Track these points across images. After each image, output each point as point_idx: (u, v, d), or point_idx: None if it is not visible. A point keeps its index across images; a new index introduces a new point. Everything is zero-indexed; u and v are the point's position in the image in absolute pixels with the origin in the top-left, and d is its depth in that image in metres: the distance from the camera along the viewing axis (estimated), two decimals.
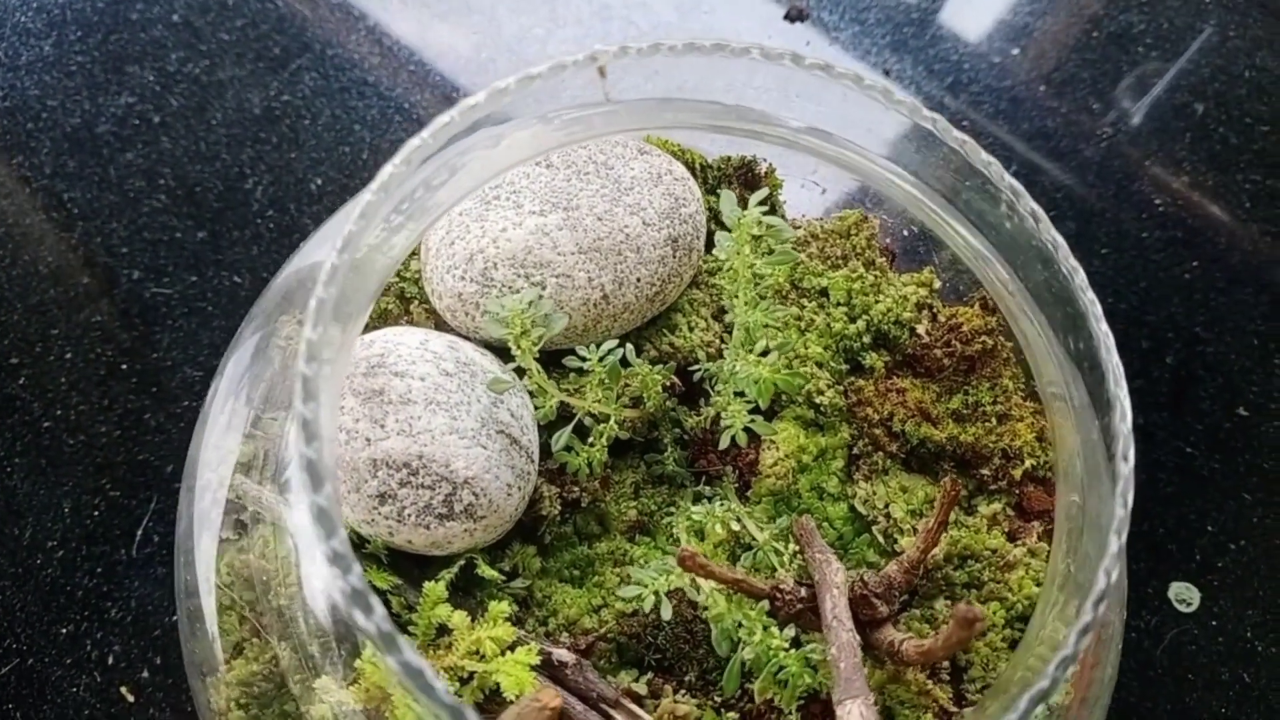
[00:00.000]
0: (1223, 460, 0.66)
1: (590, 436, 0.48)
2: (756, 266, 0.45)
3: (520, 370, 0.46)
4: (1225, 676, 0.59)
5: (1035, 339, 0.42)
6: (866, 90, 0.39)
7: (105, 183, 0.72)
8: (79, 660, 0.57)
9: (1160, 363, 0.69)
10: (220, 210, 0.72)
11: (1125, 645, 0.46)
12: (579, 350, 0.47)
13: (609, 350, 0.47)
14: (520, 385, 0.48)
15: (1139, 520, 0.35)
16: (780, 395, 0.49)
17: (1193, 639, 0.60)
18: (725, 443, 0.48)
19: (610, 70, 0.40)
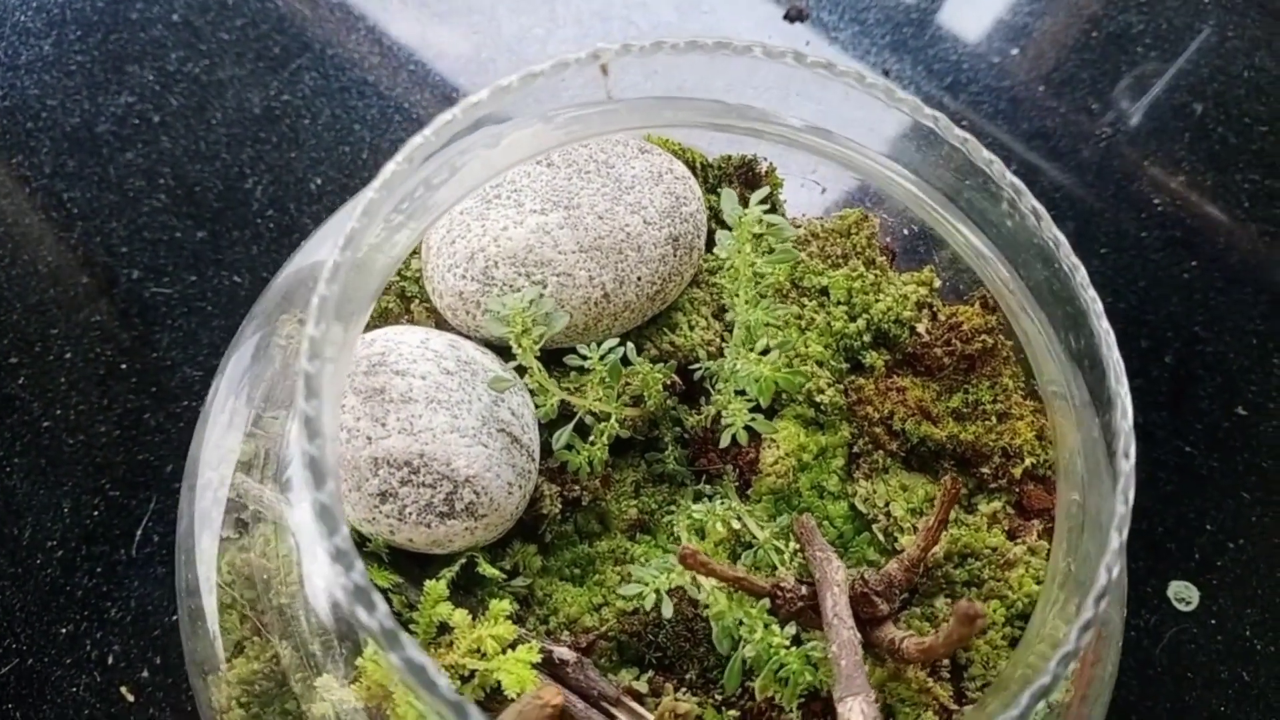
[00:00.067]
0: (1222, 459, 0.66)
1: (591, 435, 0.48)
2: (757, 265, 0.45)
3: (521, 369, 0.46)
4: (1224, 675, 0.59)
5: (1036, 337, 0.42)
6: (868, 88, 0.39)
7: (105, 182, 0.72)
8: (79, 660, 0.57)
9: (1159, 362, 0.69)
10: (220, 210, 0.72)
11: (1125, 644, 0.46)
12: (580, 349, 0.47)
13: (610, 349, 0.47)
14: (521, 384, 0.48)
15: (1138, 519, 0.35)
16: (781, 394, 0.49)
17: (1192, 638, 0.60)
18: (726, 441, 0.48)
19: (612, 69, 0.40)
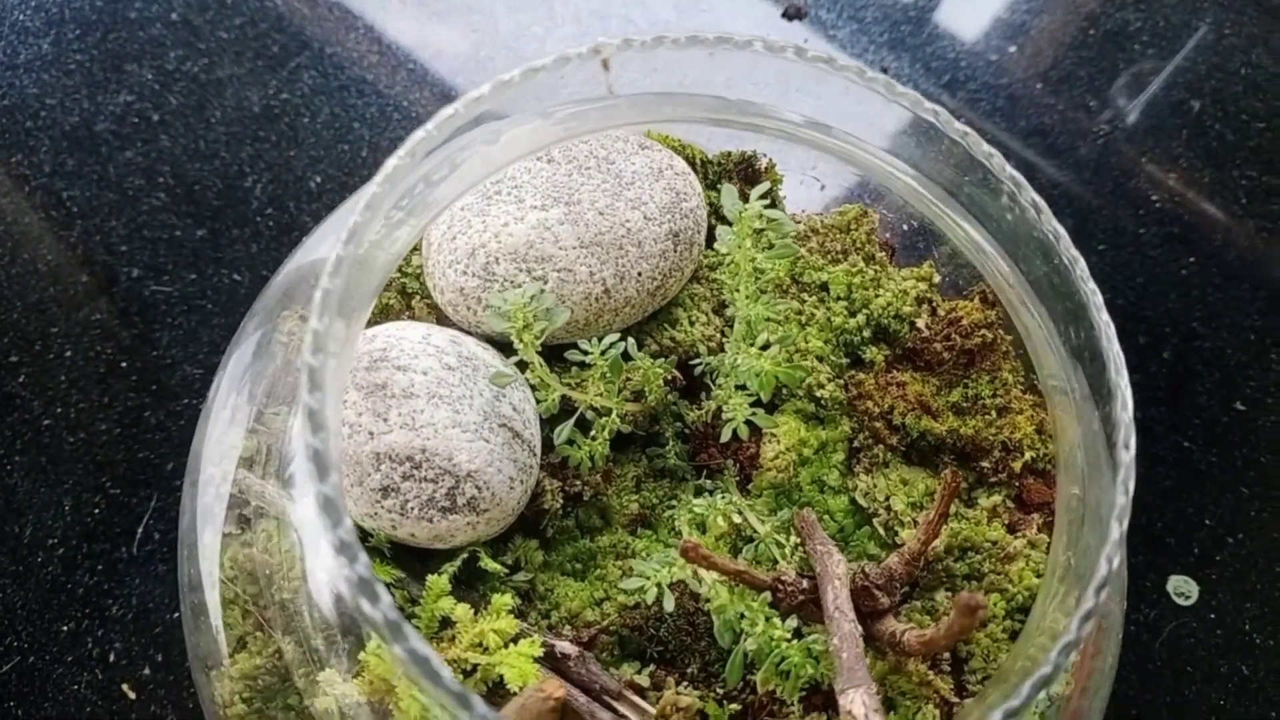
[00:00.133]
0: (1220, 454, 0.66)
1: (592, 430, 0.48)
2: (758, 260, 0.45)
3: (522, 364, 0.46)
4: (1224, 669, 0.60)
5: (1036, 331, 0.42)
6: (869, 83, 0.39)
7: (104, 181, 0.72)
8: (80, 658, 0.57)
9: (1158, 358, 0.70)
10: (220, 208, 0.72)
11: (1124, 638, 0.47)
12: (581, 344, 0.47)
13: (611, 344, 0.47)
14: (522, 379, 0.48)
15: (1137, 514, 0.35)
16: (781, 389, 0.50)
17: (1191, 632, 0.61)
18: (726, 436, 0.48)
19: (613, 64, 0.40)
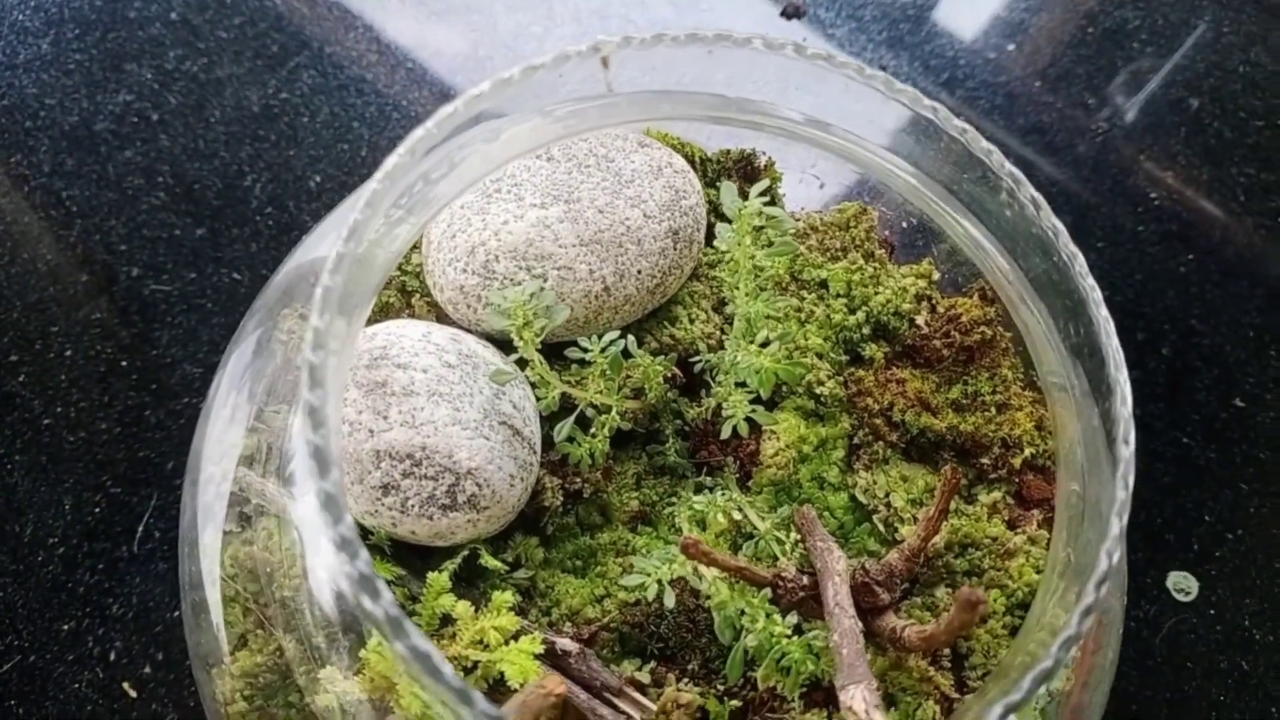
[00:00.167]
0: (1219, 450, 0.66)
1: (592, 427, 0.48)
2: (757, 258, 0.45)
3: (522, 362, 0.46)
4: (1224, 665, 0.60)
5: (1035, 327, 0.42)
6: (868, 80, 0.39)
7: (104, 180, 0.72)
8: (81, 656, 0.57)
9: (1156, 354, 0.70)
10: (219, 208, 0.72)
11: (1124, 635, 0.47)
12: (580, 342, 0.47)
13: (611, 341, 0.47)
14: (522, 377, 0.48)
15: (1137, 510, 0.35)
16: (781, 386, 0.50)
17: (1191, 628, 0.61)
18: (726, 433, 0.48)
19: (612, 61, 0.40)
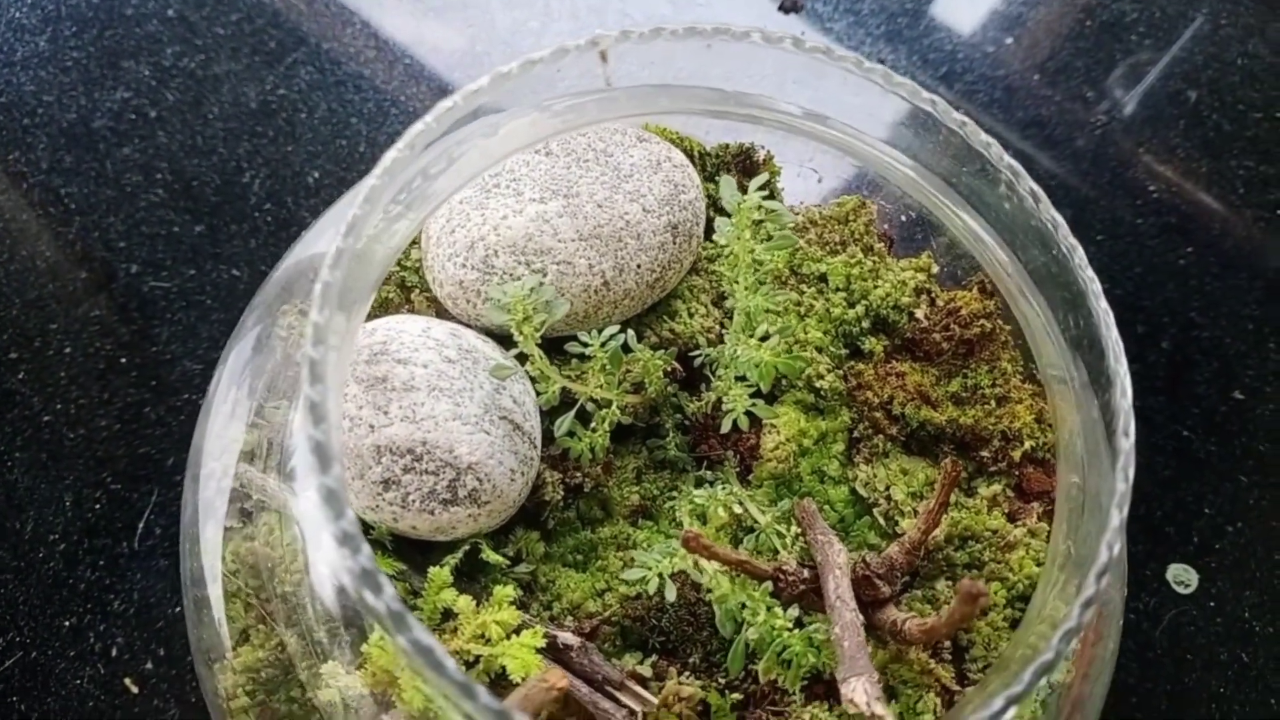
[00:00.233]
0: (1219, 443, 0.66)
1: (592, 422, 0.48)
2: (757, 252, 0.45)
3: (522, 356, 0.46)
4: (1224, 657, 0.60)
5: (1035, 320, 0.42)
6: (867, 73, 0.39)
7: (102, 177, 0.72)
8: (82, 652, 0.57)
9: (1156, 347, 0.70)
10: (218, 204, 0.72)
11: (1124, 627, 0.47)
12: (580, 336, 0.47)
13: (610, 336, 0.47)
14: (522, 371, 0.48)
15: (1137, 503, 0.36)
16: (780, 380, 0.50)
17: (1191, 620, 0.61)
18: (727, 427, 0.48)
19: (610, 56, 0.40)
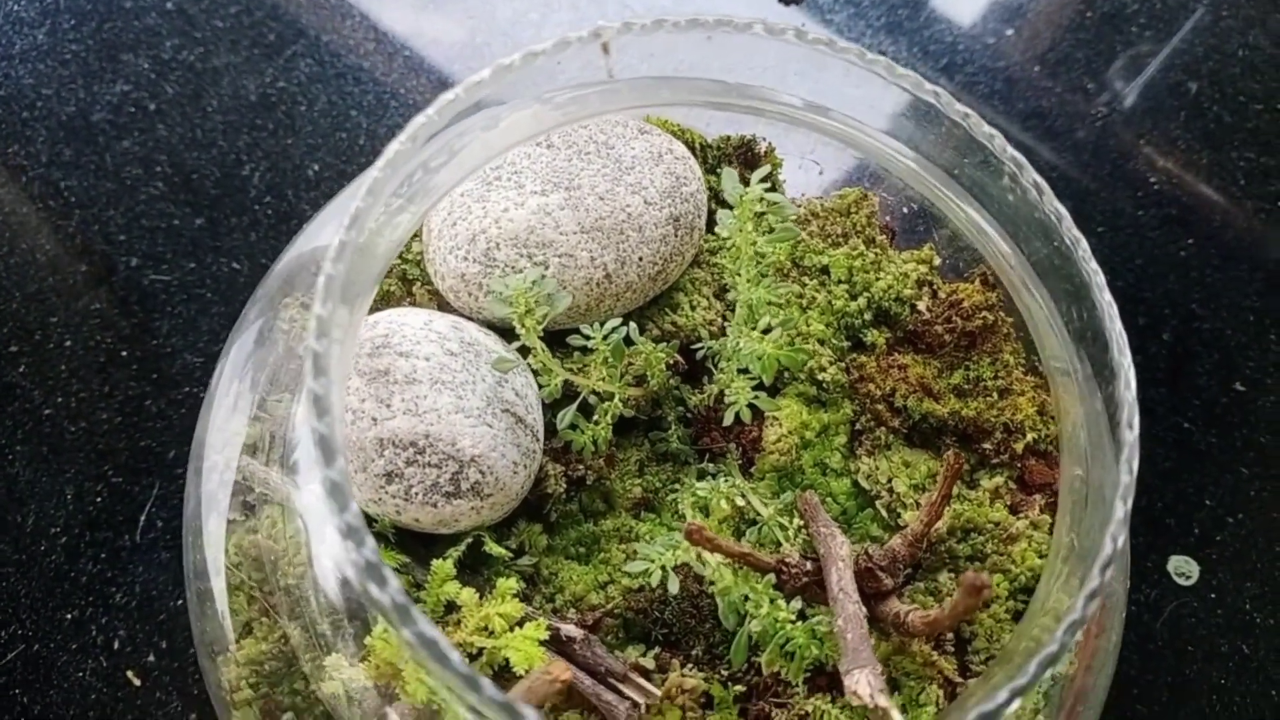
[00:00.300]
0: (1220, 435, 0.66)
1: (595, 415, 0.48)
2: (759, 244, 0.45)
3: (524, 349, 0.46)
4: (1224, 648, 0.60)
5: (1037, 312, 0.42)
6: (869, 65, 0.39)
7: (102, 171, 0.72)
8: (84, 645, 0.57)
9: (1157, 339, 0.70)
10: (218, 197, 0.71)
11: (1125, 619, 0.47)
12: (583, 329, 0.47)
13: (613, 329, 0.47)
14: (524, 364, 0.48)
15: (1138, 495, 0.35)
16: (783, 373, 0.50)
17: (1192, 611, 0.61)
18: (729, 419, 0.48)
19: (612, 48, 0.40)
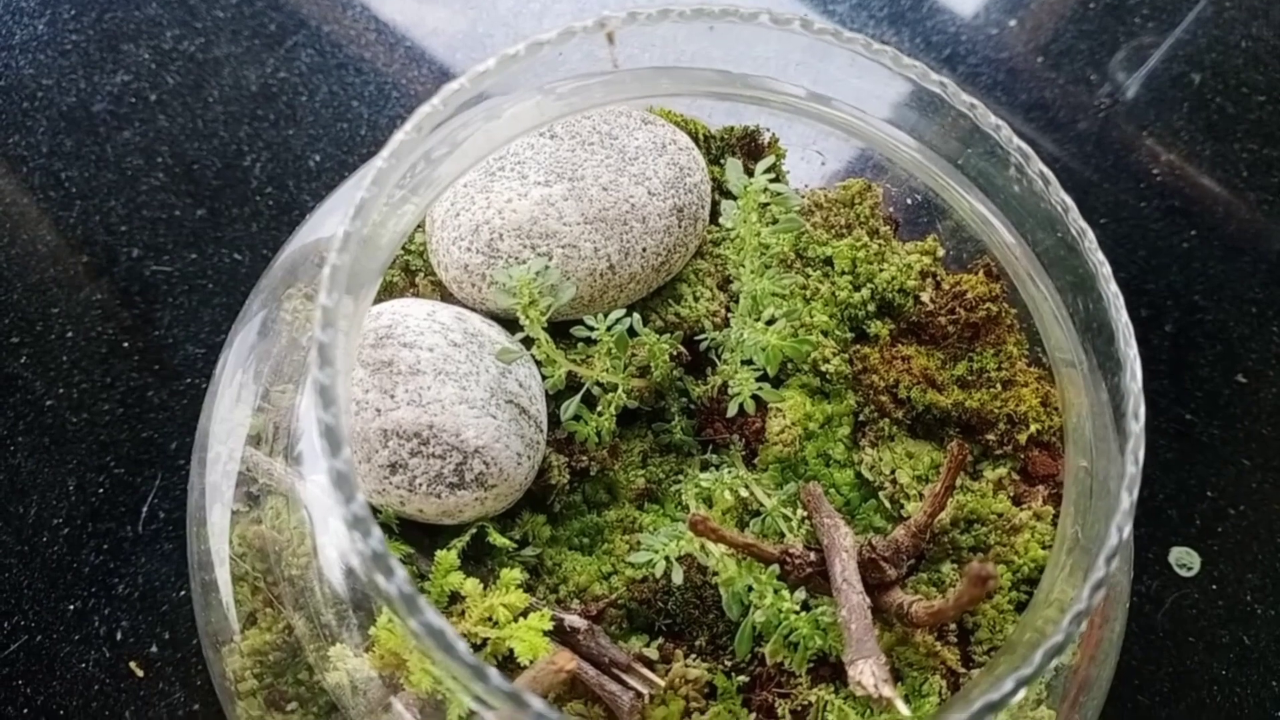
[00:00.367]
0: (1222, 426, 0.66)
1: (598, 406, 0.48)
2: (763, 235, 0.45)
3: (528, 340, 0.46)
4: (1225, 639, 0.60)
5: (1042, 303, 0.42)
6: (875, 55, 0.39)
7: (103, 161, 0.72)
8: (87, 636, 0.57)
9: (1160, 331, 0.70)
10: (219, 188, 0.71)
11: (1127, 610, 0.47)
12: (586, 320, 0.47)
13: (616, 320, 0.47)
14: (528, 355, 0.48)
15: (1140, 486, 0.36)
16: (786, 364, 0.50)
17: (1193, 603, 0.61)
18: (733, 411, 0.48)
19: (617, 37, 0.40)
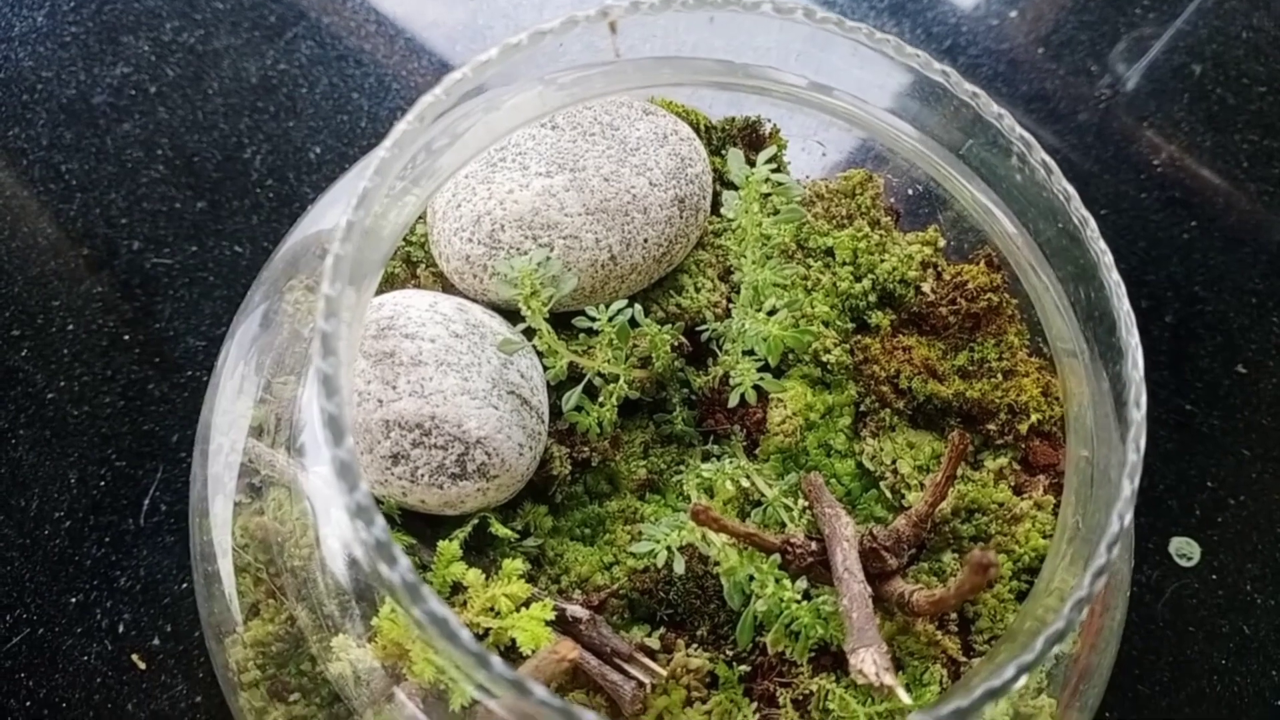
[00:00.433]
0: (1222, 417, 0.66)
1: (600, 396, 0.48)
2: (764, 226, 0.45)
3: (530, 331, 0.46)
4: (1225, 629, 0.60)
5: (1044, 293, 0.42)
6: (878, 45, 0.39)
7: (103, 154, 0.72)
8: (89, 629, 0.57)
9: (1160, 321, 0.70)
10: (219, 180, 0.71)
11: (1127, 599, 0.47)
12: (588, 311, 0.47)
13: (618, 310, 0.47)
14: (529, 346, 0.48)
15: (1140, 475, 0.36)
16: (787, 354, 0.50)
17: (1193, 593, 0.61)
18: (734, 401, 0.48)
19: (619, 27, 0.40)
